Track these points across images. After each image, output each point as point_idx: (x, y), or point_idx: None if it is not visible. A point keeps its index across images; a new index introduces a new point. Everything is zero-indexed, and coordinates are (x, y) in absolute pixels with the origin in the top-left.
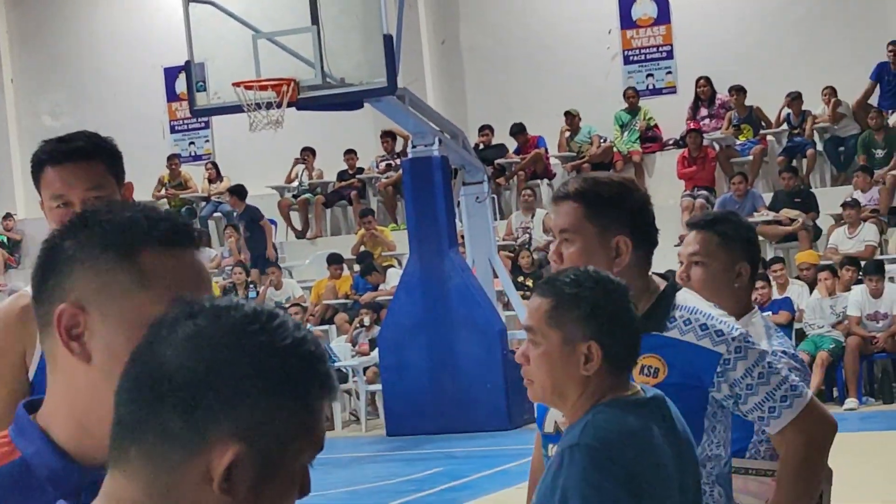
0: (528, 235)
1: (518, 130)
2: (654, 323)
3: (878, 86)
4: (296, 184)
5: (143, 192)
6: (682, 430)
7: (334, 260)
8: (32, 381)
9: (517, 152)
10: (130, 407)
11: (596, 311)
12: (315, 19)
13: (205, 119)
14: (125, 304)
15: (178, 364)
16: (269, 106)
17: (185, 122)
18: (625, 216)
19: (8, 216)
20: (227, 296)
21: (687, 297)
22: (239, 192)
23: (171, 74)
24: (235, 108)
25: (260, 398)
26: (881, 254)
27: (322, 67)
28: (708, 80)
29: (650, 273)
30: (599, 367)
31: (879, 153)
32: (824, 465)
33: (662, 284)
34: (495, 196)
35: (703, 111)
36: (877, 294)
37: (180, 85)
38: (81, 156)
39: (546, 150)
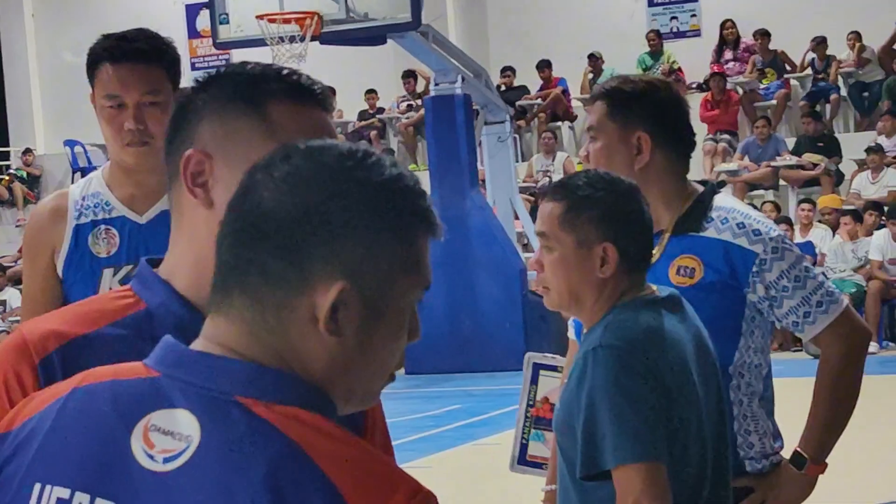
0: (548, 178)
1: (544, 65)
2: (691, 223)
3: None
4: None
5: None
6: (698, 329)
7: None
8: (63, 277)
9: (540, 90)
10: (232, 251)
11: (609, 212)
12: None
13: (226, 56)
14: (250, 153)
15: (275, 204)
16: (291, 39)
17: (206, 59)
18: (647, 113)
19: (27, 151)
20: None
21: (726, 199)
22: None
23: (192, 11)
24: (258, 42)
25: (361, 234)
26: None
27: (346, 1)
28: (733, 23)
29: (686, 178)
30: (615, 269)
31: None
32: (860, 374)
33: (699, 189)
34: (517, 136)
35: (728, 55)
36: None
37: (201, 22)
38: (141, 57)
39: (568, 91)
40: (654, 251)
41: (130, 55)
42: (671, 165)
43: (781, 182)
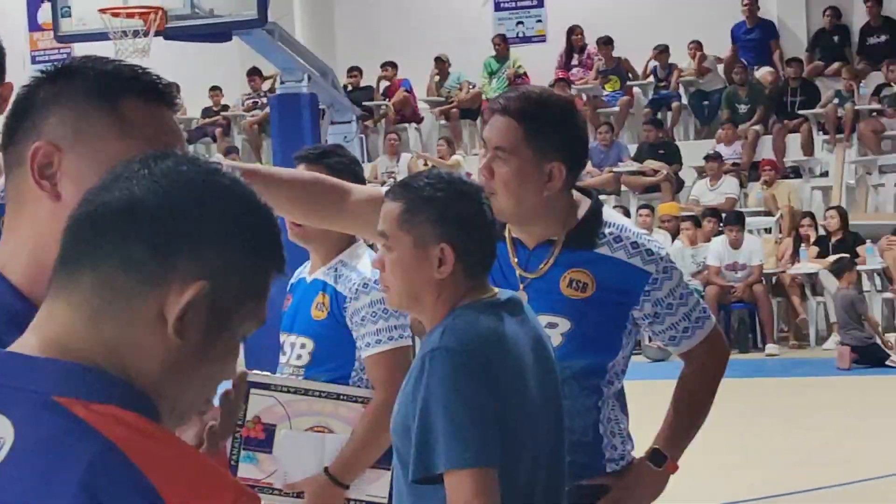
0: (392, 180)
1: (389, 66)
2: (584, 239)
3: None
4: None
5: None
6: (537, 332)
7: None
8: None
9: (384, 95)
10: (89, 234)
11: (447, 212)
12: None
13: (67, 49)
14: (101, 149)
15: (150, 195)
16: (135, 34)
17: (47, 52)
18: (564, 141)
19: None
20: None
21: (613, 214)
22: None
23: (33, 4)
24: (101, 36)
25: (227, 246)
26: (741, 207)
27: None
28: (580, 29)
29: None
30: (453, 270)
31: (743, 108)
32: (718, 386)
33: (585, 200)
34: (363, 137)
35: (573, 61)
36: (736, 245)
37: (42, 15)
38: None
39: (414, 94)
40: (545, 261)
41: None
42: (568, 185)
43: (623, 188)
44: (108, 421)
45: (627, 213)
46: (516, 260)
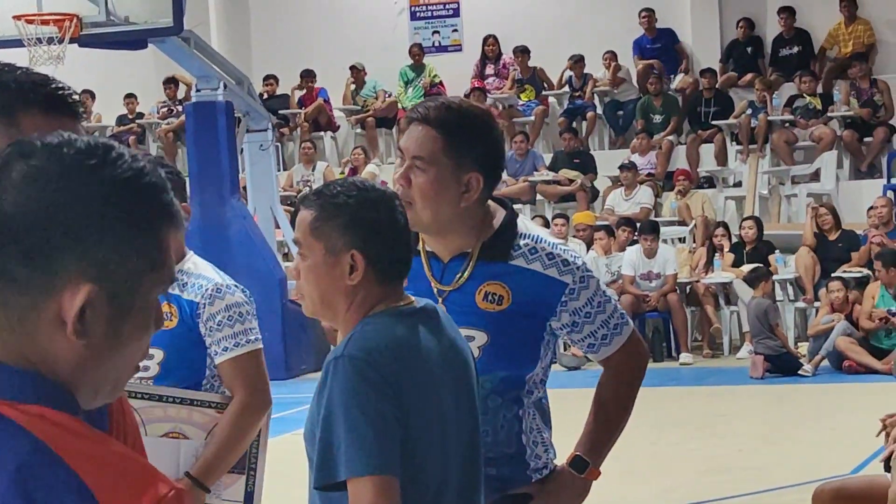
0: (308, 188)
1: (306, 75)
2: (499, 251)
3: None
4: None
5: None
6: (454, 341)
7: None
8: None
9: (300, 104)
10: None
11: (357, 220)
12: None
13: None
14: None
15: (15, 208)
16: (49, 41)
17: None
18: (482, 153)
19: None
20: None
21: (528, 225)
22: None
23: None
24: (15, 42)
25: (105, 235)
26: (656, 216)
27: (106, 4)
28: (495, 39)
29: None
30: (365, 277)
31: (657, 118)
32: (638, 391)
33: (500, 210)
34: (279, 145)
35: (489, 70)
36: (650, 254)
37: None
38: None
39: (329, 102)
40: (460, 274)
41: None
42: (485, 196)
43: (539, 197)
44: (37, 420)
45: (547, 224)
46: (431, 273)
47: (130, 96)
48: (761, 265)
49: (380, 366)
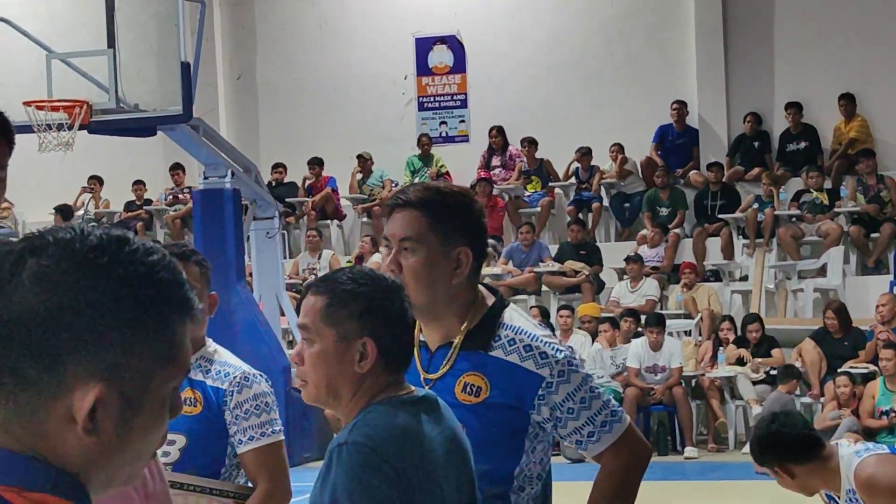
0: (314, 276)
1: (314, 163)
2: (479, 341)
3: (660, 147)
4: (81, 212)
5: None
6: (454, 431)
7: None
8: None
9: (308, 192)
10: None
11: (371, 307)
12: (112, 42)
13: None
14: None
15: (24, 308)
16: (59, 127)
17: None
18: (466, 227)
19: None
20: (69, 225)
21: (513, 316)
22: (64, 211)
23: None
24: (25, 128)
25: (116, 334)
26: (661, 309)
27: (116, 91)
28: (501, 130)
29: (479, 285)
30: (374, 366)
31: (664, 211)
32: (637, 489)
33: (490, 298)
34: (285, 233)
35: (496, 161)
36: (656, 347)
37: None
38: None
39: (337, 191)
40: (444, 364)
41: None
42: (473, 275)
43: (544, 288)
44: None
45: (547, 314)
46: (420, 362)
47: (139, 183)
48: (792, 365)
49: (385, 453)
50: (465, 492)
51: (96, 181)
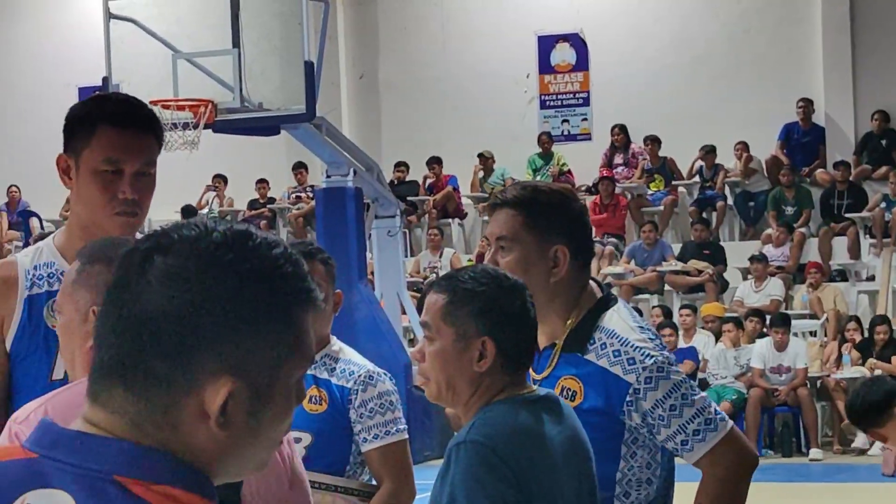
0: (435, 275)
1: (434, 162)
2: (577, 343)
3: (786, 145)
4: (206, 211)
5: (52, 210)
6: (575, 431)
7: None
8: (12, 351)
9: (429, 190)
10: (112, 351)
11: (490, 307)
12: (236, 42)
13: None
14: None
15: (155, 307)
16: (185, 126)
17: None
18: (564, 225)
19: None
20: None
21: (612, 318)
22: (189, 211)
23: (85, 94)
24: None
25: (245, 328)
26: (786, 309)
27: (241, 90)
28: (623, 128)
29: (589, 283)
30: (493, 365)
31: (789, 210)
32: (742, 498)
33: (593, 299)
34: (407, 231)
35: (618, 159)
36: (781, 347)
37: None
38: (145, 125)
39: (458, 189)
40: (548, 365)
41: (136, 121)
42: (577, 274)
43: (667, 287)
44: (165, 500)
45: (670, 313)
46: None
47: (262, 181)
48: None
49: (503, 452)
50: (586, 494)
51: (220, 180)
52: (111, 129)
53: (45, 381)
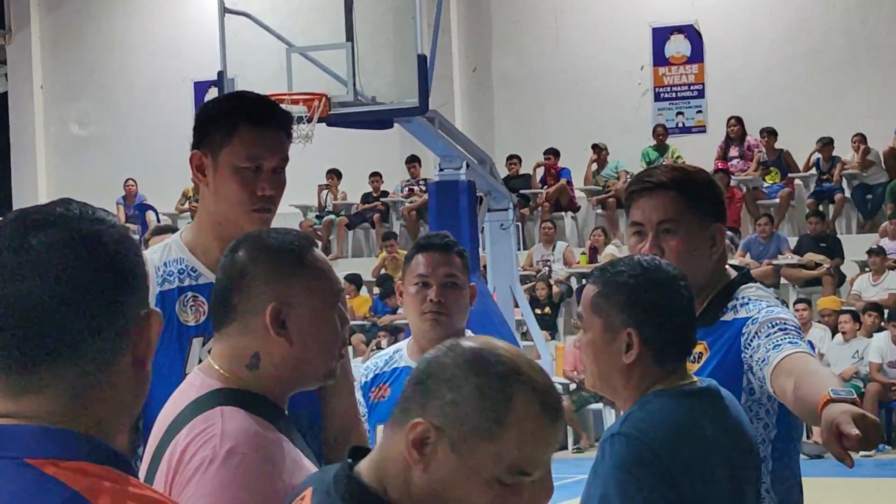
0: (548, 268)
1: (549, 154)
2: (707, 318)
3: None
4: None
5: (167, 204)
6: (737, 425)
7: (351, 281)
8: None
9: (542, 183)
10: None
11: (637, 298)
12: (350, 36)
13: None
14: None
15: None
16: (299, 120)
17: None
18: (716, 204)
19: None
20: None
21: (748, 290)
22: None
23: (200, 89)
24: None
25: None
26: None
27: (354, 84)
28: (739, 120)
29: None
30: (642, 356)
31: None
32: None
33: (730, 278)
34: (519, 225)
35: (733, 152)
36: None
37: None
38: (282, 122)
39: (571, 182)
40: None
41: (273, 120)
42: (724, 255)
43: (783, 280)
44: (75, 475)
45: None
46: None
47: (375, 175)
48: None
49: (655, 446)
50: (751, 481)
51: (334, 175)
52: (252, 127)
53: (180, 374)
